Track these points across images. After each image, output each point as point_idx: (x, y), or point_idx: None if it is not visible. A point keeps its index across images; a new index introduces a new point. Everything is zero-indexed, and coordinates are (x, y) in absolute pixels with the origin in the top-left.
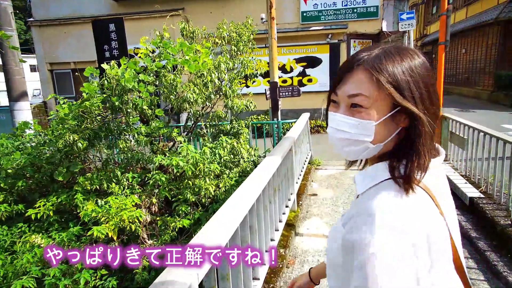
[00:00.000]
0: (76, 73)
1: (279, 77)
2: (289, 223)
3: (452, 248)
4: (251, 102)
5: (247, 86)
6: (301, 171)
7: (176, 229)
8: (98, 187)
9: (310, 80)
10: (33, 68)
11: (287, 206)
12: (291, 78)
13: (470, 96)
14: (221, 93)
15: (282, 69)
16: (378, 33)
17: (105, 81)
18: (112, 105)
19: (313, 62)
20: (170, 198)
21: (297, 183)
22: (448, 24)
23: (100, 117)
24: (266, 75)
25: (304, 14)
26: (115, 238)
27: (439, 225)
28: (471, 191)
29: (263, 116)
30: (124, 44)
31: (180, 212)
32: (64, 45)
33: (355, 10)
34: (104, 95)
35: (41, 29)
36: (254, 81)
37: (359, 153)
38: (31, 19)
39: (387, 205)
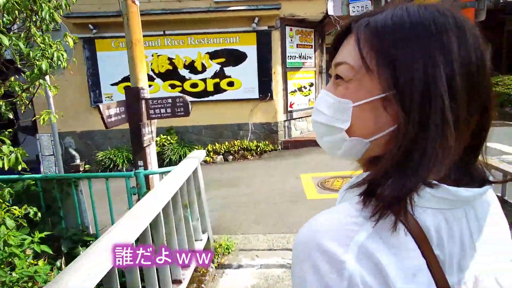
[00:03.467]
0: None
1: (186, 80)
2: None
3: None
4: None
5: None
6: None
7: None
8: None
9: (231, 84)
10: None
11: None
12: (204, 80)
13: None
14: None
15: (190, 67)
16: (323, 18)
17: None
18: None
19: (234, 57)
20: None
21: None
22: None
23: None
24: (168, 74)
25: None
26: None
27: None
28: None
29: (164, 137)
30: None
31: None
32: None
33: None
34: None
35: None
36: (150, 85)
37: (336, 148)
38: None
39: (311, 229)
